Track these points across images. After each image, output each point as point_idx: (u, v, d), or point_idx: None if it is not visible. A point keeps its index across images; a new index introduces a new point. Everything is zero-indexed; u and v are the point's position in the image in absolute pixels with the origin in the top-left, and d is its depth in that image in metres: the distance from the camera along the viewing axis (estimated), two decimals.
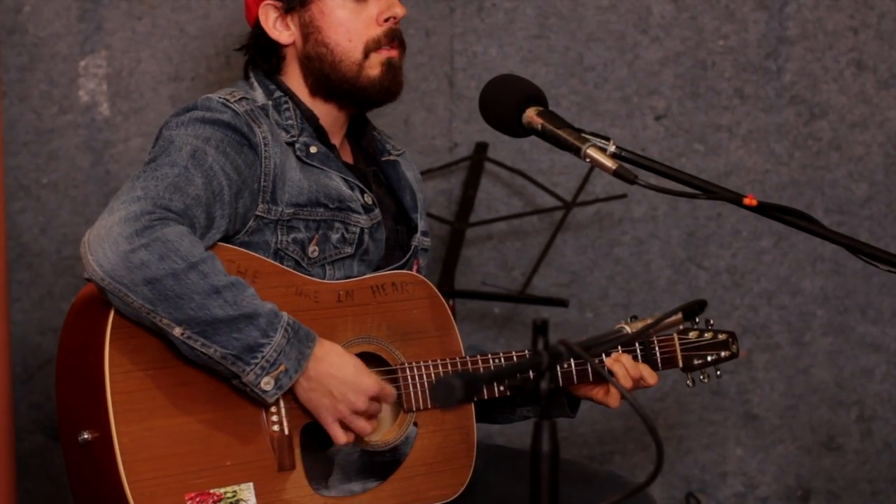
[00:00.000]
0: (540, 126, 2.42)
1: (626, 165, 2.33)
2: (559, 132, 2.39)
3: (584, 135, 2.37)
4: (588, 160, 2.34)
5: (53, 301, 3.36)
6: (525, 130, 2.45)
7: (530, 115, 2.44)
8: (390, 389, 2.42)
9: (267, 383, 2.29)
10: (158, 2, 3.35)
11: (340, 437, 2.38)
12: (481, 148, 3.51)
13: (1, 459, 2.93)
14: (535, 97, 2.46)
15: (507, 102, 2.46)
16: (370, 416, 2.40)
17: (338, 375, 2.35)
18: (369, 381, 2.37)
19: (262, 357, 2.27)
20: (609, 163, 2.32)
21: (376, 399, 2.39)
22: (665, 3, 3.56)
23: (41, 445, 3.36)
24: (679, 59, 3.58)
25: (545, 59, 3.54)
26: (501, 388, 2.55)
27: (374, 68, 2.56)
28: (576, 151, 2.36)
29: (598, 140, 2.36)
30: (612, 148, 2.35)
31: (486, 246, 3.59)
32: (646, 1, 3.55)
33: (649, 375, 2.61)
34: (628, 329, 2.59)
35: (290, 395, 2.36)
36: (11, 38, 3.29)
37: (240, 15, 3.32)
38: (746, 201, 2.24)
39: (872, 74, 3.62)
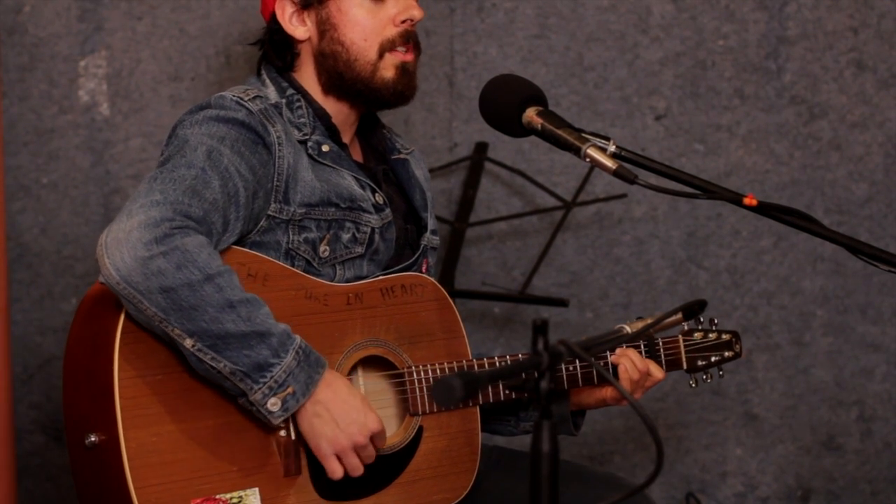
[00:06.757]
0: (540, 126, 2.42)
1: (626, 165, 2.33)
2: (559, 132, 2.39)
3: (584, 135, 2.37)
4: (588, 160, 2.34)
5: (53, 301, 3.36)
6: (525, 130, 2.45)
7: (530, 114, 2.43)
8: (385, 433, 2.41)
9: (273, 404, 2.26)
10: (158, 2, 3.35)
11: (338, 470, 2.35)
12: (481, 148, 3.50)
13: (1, 459, 2.93)
14: (535, 97, 2.46)
15: (507, 102, 2.46)
16: (364, 456, 2.37)
17: (346, 404, 2.32)
18: (374, 416, 2.35)
19: (271, 377, 2.25)
20: (609, 163, 2.32)
21: (373, 440, 2.37)
22: (665, 3, 3.56)
23: (41, 445, 3.36)
24: (679, 59, 3.57)
25: (545, 59, 3.54)
26: (507, 392, 2.54)
27: (388, 70, 2.55)
28: (576, 151, 2.36)
29: (598, 140, 2.36)
30: (612, 148, 2.35)
31: (486, 246, 3.59)
32: (646, 1, 3.55)
33: (656, 369, 2.61)
34: (628, 329, 2.59)
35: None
36: (11, 38, 3.29)
37: (240, 15, 3.32)
38: (746, 201, 2.24)
39: (872, 74, 3.62)
